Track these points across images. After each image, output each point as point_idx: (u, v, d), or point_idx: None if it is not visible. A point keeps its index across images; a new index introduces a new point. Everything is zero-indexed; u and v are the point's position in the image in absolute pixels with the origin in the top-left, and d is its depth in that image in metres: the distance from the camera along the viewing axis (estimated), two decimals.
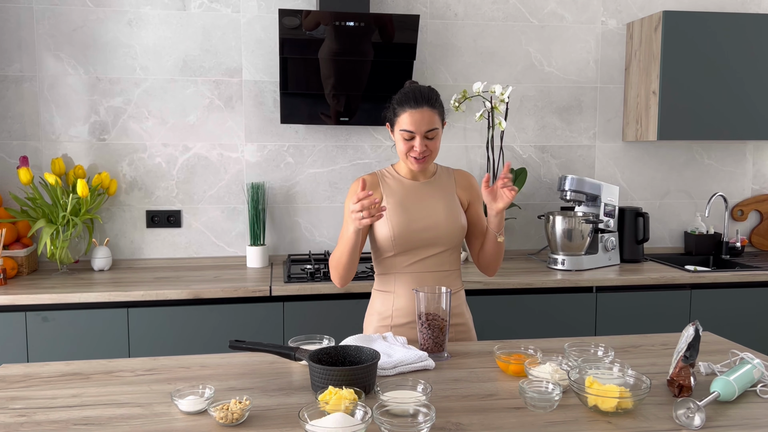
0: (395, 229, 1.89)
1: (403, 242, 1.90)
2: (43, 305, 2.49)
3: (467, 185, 2.01)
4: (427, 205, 1.92)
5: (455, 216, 1.93)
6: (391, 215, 1.90)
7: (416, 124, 1.83)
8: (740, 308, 2.90)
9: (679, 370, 1.46)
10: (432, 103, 1.85)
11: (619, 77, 3.39)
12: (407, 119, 1.84)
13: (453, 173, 2.02)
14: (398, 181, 1.96)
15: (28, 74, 2.94)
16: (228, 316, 2.59)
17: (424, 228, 1.90)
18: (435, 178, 1.98)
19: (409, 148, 1.87)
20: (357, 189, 1.88)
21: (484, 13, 3.25)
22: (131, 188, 3.06)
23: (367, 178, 1.97)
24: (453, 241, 1.93)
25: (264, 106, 3.11)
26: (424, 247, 1.91)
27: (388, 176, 1.98)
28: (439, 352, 1.72)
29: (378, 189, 1.95)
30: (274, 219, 3.18)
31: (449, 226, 1.91)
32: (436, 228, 1.90)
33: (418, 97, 1.84)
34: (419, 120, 1.83)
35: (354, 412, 1.26)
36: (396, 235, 1.89)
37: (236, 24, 3.06)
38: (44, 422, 1.33)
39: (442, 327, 1.72)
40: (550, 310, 2.77)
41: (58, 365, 1.67)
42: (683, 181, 3.49)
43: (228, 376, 1.60)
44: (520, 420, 1.33)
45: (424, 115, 1.83)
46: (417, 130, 1.84)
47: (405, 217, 1.90)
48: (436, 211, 1.91)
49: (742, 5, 3.43)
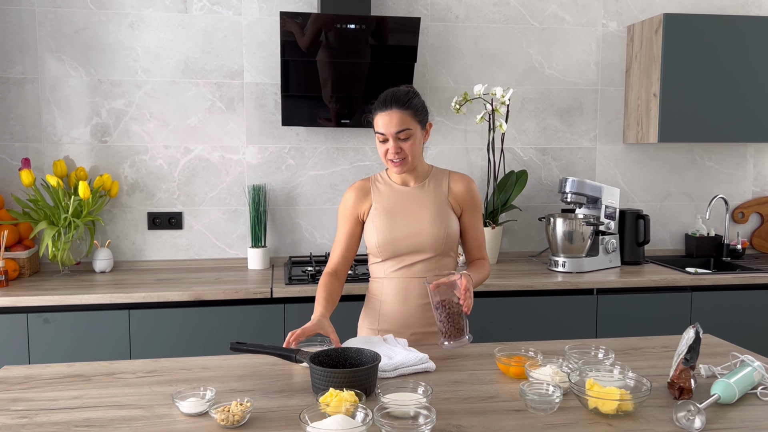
0: (379, 236, 1.91)
1: (387, 249, 1.91)
2: (44, 307, 2.49)
3: (462, 192, 1.96)
4: (413, 212, 1.91)
5: (442, 223, 1.90)
6: (377, 221, 1.92)
7: (386, 126, 1.83)
8: (741, 310, 2.90)
9: (679, 373, 1.46)
10: (402, 104, 1.83)
11: (620, 79, 3.40)
12: (378, 122, 1.85)
13: (449, 177, 1.98)
14: (388, 187, 1.96)
15: (30, 76, 2.95)
16: (229, 317, 2.59)
17: (407, 235, 1.89)
18: (426, 183, 1.95)
19: (384, 151, 1.86)
20: (350, 198, 1.96)
21: (484, 15, 3.25)
22: (132, 190, 3.07)
23: (359, 185, 1.98)
24: (439, 249, 1.91)
25: (265, 109, 3.12)
26: (410, 253, 1.91)
27: (380, 181, 1.98)
28: (460, 337, 1.73)
29: (369, 196, 1.95)
30: (275, 221, 3.18)
31: (434, 234, 1.89)
32: (420, 235, 1.89)
33: (387, 99, 1.84)
34: (388, 122, 1.82)
35: (355, 414, 1.27)
36: (380, 242, 1.91)
37: (237, 26, 3.07)
38: (46, 424, 1.33)
39: (460, 311, 1.72)
40: (550, 312, 2.77)
41: (60, 367, 1.68)
42: (684, 184, 3.50)
43: (229, 377, 1.60)
44: (521, 422, 1.33)
45: (392, 116, 1.82)
46: (387, 132, 1.83)
47: (389, 224, 1.91)
48: (420, 219, 1.90)
49: (743, 8, 3.43)
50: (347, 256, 1.99)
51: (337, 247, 1.99)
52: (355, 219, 1.96)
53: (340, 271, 1.99)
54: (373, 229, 1.92)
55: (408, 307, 1.91)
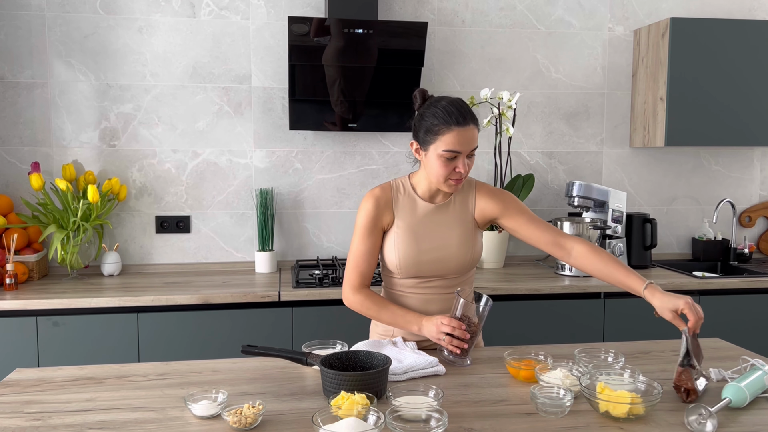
0: (402, 257, 1.78)
1: (409, 271, 1.80)
2: (53, 310, 2.51)
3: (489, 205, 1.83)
4: (440, 234, 1.79)
5: (469, 245, 1.80)
6: (399, 241, 1.79)
7: (464, 143, 1.66)
8: (749, 314, 2.90)
9: (679, 375, 1.48)
10: (475, 119, 1.70)
11: (627, 83, 3.40)
12: (453, 139, 1.65)
13: (474, 191, 1.85)
14: (412, 201, 1.81)
15: (39, 81, 2.97)
16: (237, 321, 2.60)
17: (433, 259, 1.78)
18: (453, 200, 1.83)
19: (450, 170, 1.69)
20: (373, 209, 1.79)
21: (491, 20, 3.26)
22: (141, 194, 3.08)
23: (379, 194, 1.81)
24: (464, 270, 1.83)
25: (273, 113, 3.13)
26: (432, 276, 1.81)
27: (402, 193, 1.82)
28: (462, 357, 1.70)
29: (390, 208, 1.80)
30: (283, 224, 3.19)
31: (461, 258, 1.79)
32: (447, 260, 1.79)
33: (465, 114, 1.67)
34: (468, 139, 1.66)
35: (367, 416, 1.27)
36: (402, 264, 1.79)
37: (245, 31, 3.09)
38: (59, 426, 1.34)
39: (474, 334, 1.70)
40: (558, 316, 2.78)
41: (72, 370, 1.69)
42: (691, 187, 3.49)
43: (240, 380, 1.61)
44: (532, 425, 1.34)
45: (472, 133, 1.67)
46: (465, 150, 1.67)
47: (414, 245, 1.78)
48: (448, 241, 1.79)
49: (750, 12, 3.44)
50: (372, 270, 1.84)
51: (362, 262, 1.81)
52: (379, 231, 1.81)
53: (367, 285, 1.85)
54: (394, 247, 1.79)
55: None
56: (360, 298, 1.82)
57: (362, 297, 1.82)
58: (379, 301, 1.81)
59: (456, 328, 1.66)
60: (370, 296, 1.82)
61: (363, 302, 1.81)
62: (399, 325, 1.79)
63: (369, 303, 1.81)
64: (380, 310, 1.80)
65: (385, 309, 1.79)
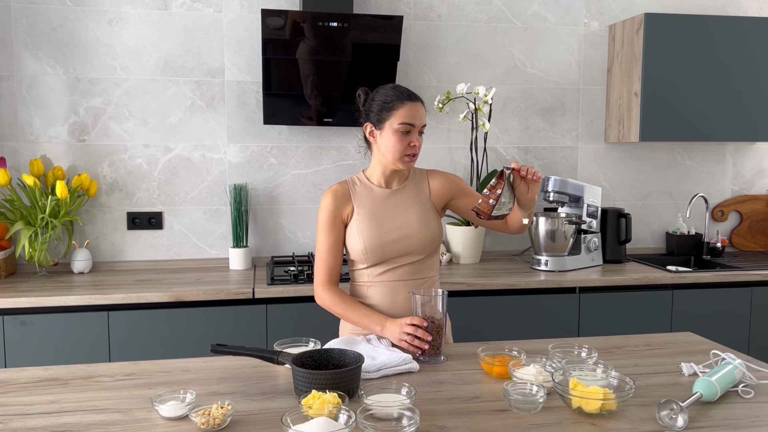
0: (366, 242, 1.84)
1: (375, 255, 1.84)
2: (21, 309, 2.45)
3: (441, 186, 1.94)
4: (400, 215, 1.87)
5: (429, 224, 1.88)
6: (362, 227, 1.85)
7: (415, 117, 1.80)
8: (721, 308, 2.93)
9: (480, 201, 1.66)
10: (422, 99, 1.85)
11: (602, 79, 3.42)
12: (407, 112, 1.79)
13: (426, 176, 1.96)
14: (368, 190, 1.89)
15: (5, 74, 2.89)
16: (210, 319, 2.56)
17: (396, 239, 1.84)
18: (407, 184, 1.92)
19: (405, 144, 1.80)
20: (332, 204, 1.87)
21: (467, 14, 3.25)
22: (112, 190, 3.02)
23: (336, 189, 1.89)
24: (428, 250, 1.88)
25: (246, 107, 3.09)
26: (397, 257, 1.86)
27: (358, 184, 1.91)
28: (436, 355, 1.71)
29: (348, 199, 1.88)
30: (257, 220, 3.15)
31: (423, 236, 1.86)
32: (410, 238, 1.85)
33: (411, 93, 1.83)
34: (417, 113, 1.81)
35: (338, 416, 1.25)
36: (367, 248, 1.84)
37: (218, 24, 3.04)
38: (21, 429, 1.30)
39: (439, 330, 1.71)
40: (533, 311, 2.78)
41: (36, 370, 1.64)
42: (665, 182, 3.52)
43: (210, 380, 1.58)
44: (505, 422, 1.33)
45: (420, 109, 1.82)
46: (417, 123, 1.80)
47: (376, 228, 1.84)
48: (408, 221, 1.86)
49: (722, 8, 3.47)
50: (339, 265, 1.90)
51: (328, 257, 1.88)
52: (341, 225, 1.88)
53: (336, 281, 1.90)
54: (358, 234, 1.85)
55: (395, 310, 1.87)
56: (329, 295, 1.88)
57: (330, 294, 1.88)
58: (346, 300, 1.87)
59: (418, 327, 1.69)
60: (338, 294, 1.88)
61: (332, 299, 1.88)
62: (363, 325, 1.83)
63: (337, 300, 1.87)
64: (347, 308, 1.85)
65: (351, 308, 1.85)
